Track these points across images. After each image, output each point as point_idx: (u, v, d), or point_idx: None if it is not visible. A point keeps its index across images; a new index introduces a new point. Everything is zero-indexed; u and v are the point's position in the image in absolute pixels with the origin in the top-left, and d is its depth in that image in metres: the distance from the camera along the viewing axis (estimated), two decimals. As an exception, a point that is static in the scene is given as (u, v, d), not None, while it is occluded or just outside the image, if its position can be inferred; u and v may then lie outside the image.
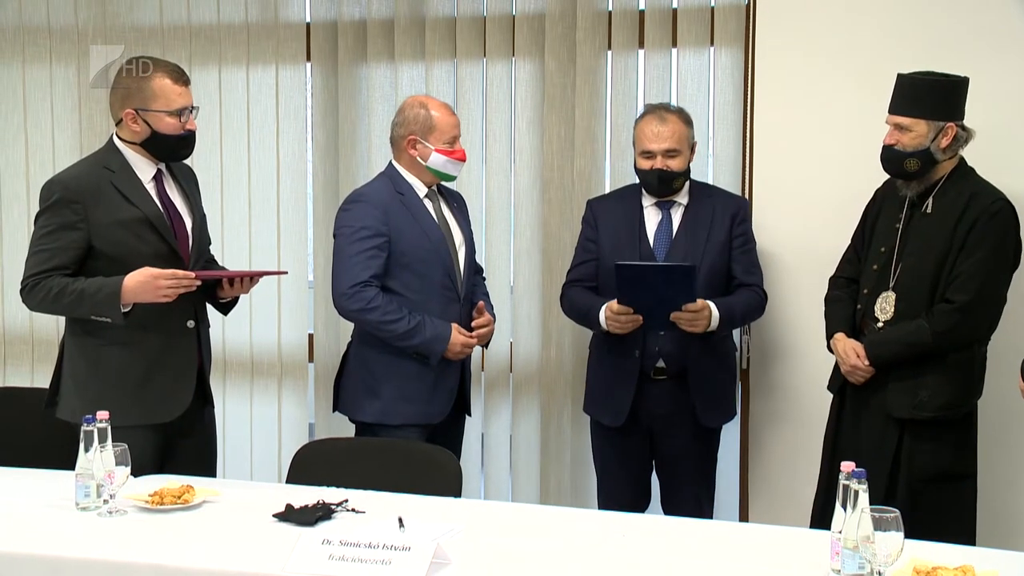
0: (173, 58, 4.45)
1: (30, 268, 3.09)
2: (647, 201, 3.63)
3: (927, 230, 3.22)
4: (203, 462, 3.28)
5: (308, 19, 4.39)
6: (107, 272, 3.05)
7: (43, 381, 4.57)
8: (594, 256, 3.66)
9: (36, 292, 3.06)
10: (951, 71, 3.22)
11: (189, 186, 3.31)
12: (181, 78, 3.16)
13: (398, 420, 3.43)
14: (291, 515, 2.64)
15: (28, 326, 4.69)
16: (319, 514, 2.63)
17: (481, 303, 3.58)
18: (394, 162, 3.55)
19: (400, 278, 3.43)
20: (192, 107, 3.18)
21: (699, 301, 3.40)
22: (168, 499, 2.72)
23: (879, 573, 2.15)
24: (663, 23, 4.02)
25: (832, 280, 3.50)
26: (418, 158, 3.48)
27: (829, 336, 3.41)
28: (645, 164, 3.55)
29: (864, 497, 2.17)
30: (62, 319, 4.56)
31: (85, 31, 4.56)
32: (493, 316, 3.66)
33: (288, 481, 3.10)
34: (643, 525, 2.75)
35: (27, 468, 3.08)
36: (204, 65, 4.45)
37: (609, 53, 4.09)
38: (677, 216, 3.60)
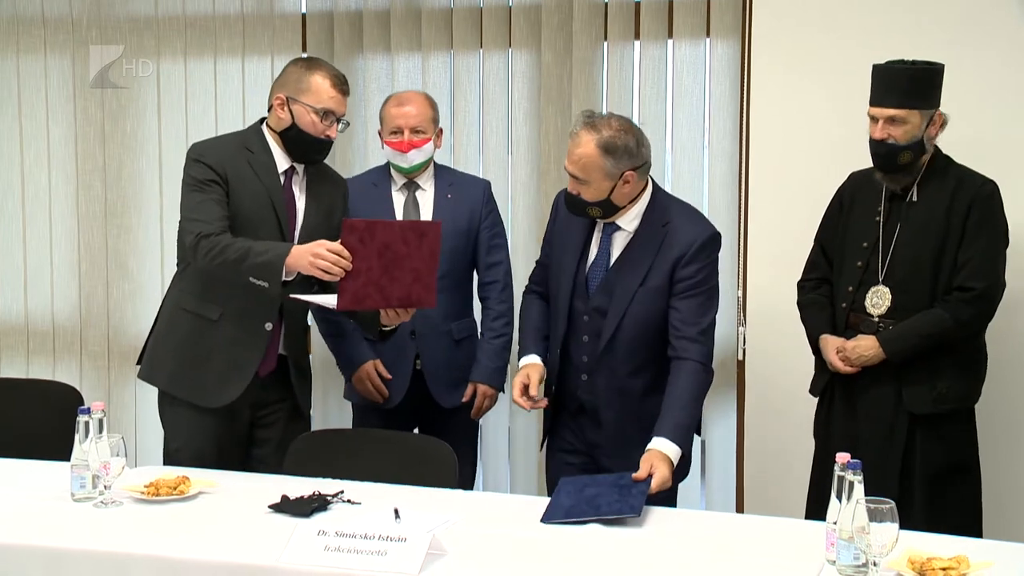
0: (169, 49, 4.48)
1: (196, 226, 3.03)
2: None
3: (917, 219, 3.20)
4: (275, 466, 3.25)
5: (304, 10, 4.38)
6: None
7: (38, 372, 4.61)
8: (548, 259, 3.24)
9: (201, 248, 3.01)
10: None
11: (323, 192, 3.27)
12: (341, 85, 3.17)
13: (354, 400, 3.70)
14: (287, 506, 2.64)
15: (23, 318, 4.69)
16: (315, 505, 2.64)
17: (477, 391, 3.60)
18: None
19: None
20: (341, 118, 3.18)
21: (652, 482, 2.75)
22: (164, 490, 2.72)
23: (874, 563, 2.16)
24: (659, 14, 4.01)
25: (800, 285, 3.46)
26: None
27: (812, 339, 3.39)
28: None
29: (860, 488, 2.17)
30: (59, 311, 4.65)
31: (80, 22, 4.55)
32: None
33: (284, 472, 3.10)
34: (640, 516, 2.75)
35: (22, 459, 3.06)
36: (199, 56, 4.45)
37: (605, 44, 4.09)
38: (618, 246, 3.05)
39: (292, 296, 3.10)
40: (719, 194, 4.04)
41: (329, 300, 2.98)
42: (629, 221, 3.04)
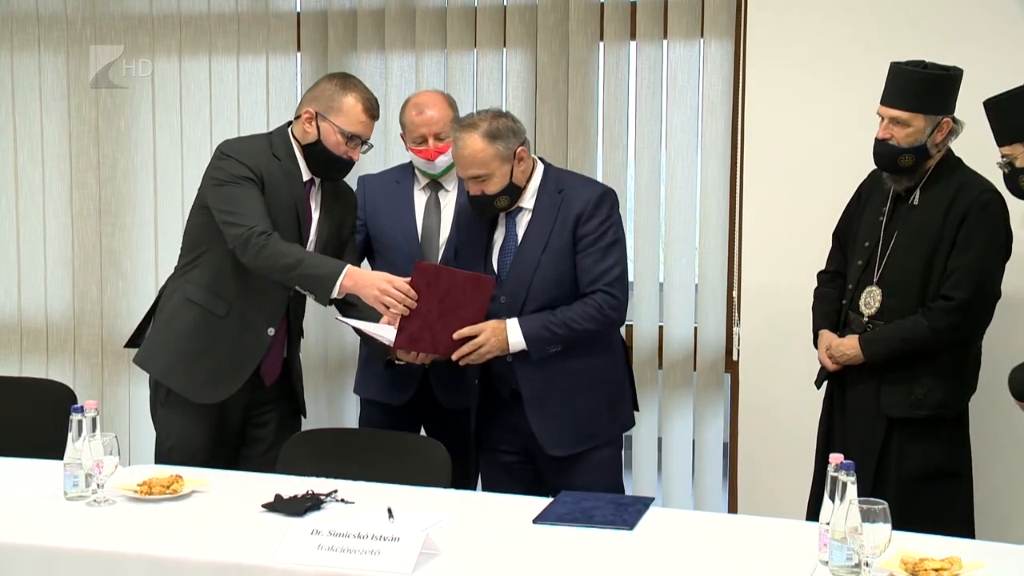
0: (164, 47, 4.47)
1: (246, 219, 3.04)
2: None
3: (914, 223, 3.19)
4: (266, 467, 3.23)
5: (298, 8, 4.38)
6: None
7: (31, 370, 4.60)
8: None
9: (253, 244, 3.01)
10: (944, 63, 3.20)
11: (335, 206, 3.29)
12: (372, 110, 3.20)
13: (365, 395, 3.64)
14: (280, 505, 2.63)
15: (16, 315, 4.68)
16: (308, 504, 2.63)
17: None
18: None
19: (378, 263, 3.54)
20: (366, 142, 3.21)
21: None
22: (157, 489, 2.72)
23: (867, 564, 2.16)
24: (654, 14, 4.01)
25: (819, 275, 3.49)
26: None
27: (815, 332, 3.40)
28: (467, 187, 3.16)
29: (852, 489, 2.18)
30: (52, 309, 4.65)
31: (74, 19, 4.54)
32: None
33: (277, 471, 3.09)
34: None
35: (15, 458, 3.05)
36: (194, 55, 4.44)
37: (601, 44, 4.09)
38: (522, 225, 3.17)
39: (342, 320, 3.15)
40: (713, 194, 4.04)
41: (385, 334, 3.03)
42: (528, 199, 3.17)
